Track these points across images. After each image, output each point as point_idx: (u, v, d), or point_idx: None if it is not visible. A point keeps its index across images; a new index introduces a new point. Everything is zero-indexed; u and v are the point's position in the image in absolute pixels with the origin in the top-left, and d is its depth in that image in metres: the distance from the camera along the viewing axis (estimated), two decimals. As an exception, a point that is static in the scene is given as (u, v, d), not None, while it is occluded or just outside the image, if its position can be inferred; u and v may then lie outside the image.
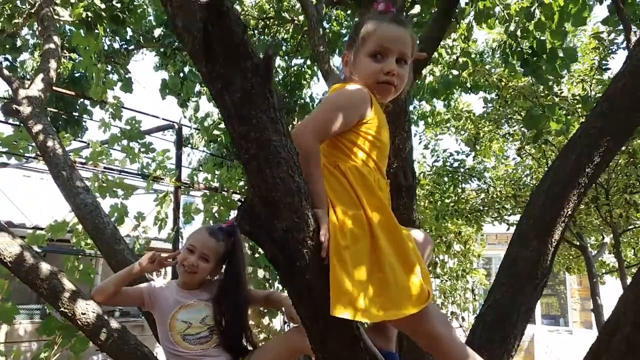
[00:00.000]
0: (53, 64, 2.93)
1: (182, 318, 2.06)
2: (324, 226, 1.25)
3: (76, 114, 4.34)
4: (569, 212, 2.05)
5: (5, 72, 2.77)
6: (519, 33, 3.08)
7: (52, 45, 3.00)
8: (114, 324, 2.13)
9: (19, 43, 4.57)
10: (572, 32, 5.70)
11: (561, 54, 3.00)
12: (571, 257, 7.95)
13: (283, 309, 2.18)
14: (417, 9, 3.29)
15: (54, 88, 3.84)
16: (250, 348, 2.14)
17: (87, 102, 4.33)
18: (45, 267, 2.08)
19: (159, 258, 2.08)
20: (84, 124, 4.41)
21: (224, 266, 2.15)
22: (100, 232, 2.55)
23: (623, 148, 4.61)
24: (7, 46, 4.30)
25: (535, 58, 3.03)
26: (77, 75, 4.27)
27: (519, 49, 3.03)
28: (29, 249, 2.11)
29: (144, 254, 2.13)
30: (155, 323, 2.17)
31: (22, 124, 2.99)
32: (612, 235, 5.75)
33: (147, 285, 2.14)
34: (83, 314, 2.08)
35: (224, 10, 1.04)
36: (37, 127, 2.69)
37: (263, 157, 1.16)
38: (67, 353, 3.80)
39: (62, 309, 2.08)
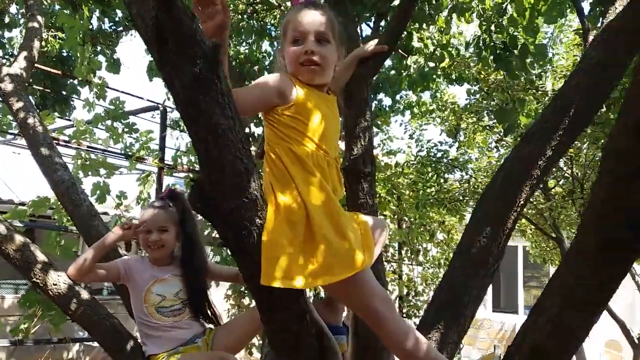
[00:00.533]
0: (36, 42, 2.99)
1: (156, 291, 2.18)
2: None
3: (64, 92, 4.39)
4: (522, 202, 2.14)
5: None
6: (492, 28, 3.16)
7: (35, 24, 3.05)
8: (85, 295, 2.21)
9: (6, 20, 4.60)
10: (559, 28, 5.77)
11: (532, 50, 3.08)
12: (548, 249, 8.12)
13: None
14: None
15: (41, 67, 3.89)
16: (219, 320, 2.26)
17: (75, 81, 4.37)
18: (18, 239, 2.17)
19: (132, 224, 2.18)
20: (72, 102, 4.46)
21: None
22: (76, 207, 2.63)
23: (598, 143, 4.72)
24: (-5, 23, 4.34)
25: (507, 53, 3.11)
26: (64, 54, 4.31)
27: (491, 43, 3.11)
28: (2, 221, 2.19)
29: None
30: (128, 296, 2.28)
31: (2, 101, 3.06)
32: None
33: (122, 260, 2.24)
34: (54, 284, 2.16)
35: (173, 0, 1.11)
36: (18, 105, 2.76)
37: (211, 140, 1.24)
38: (47, 325, 3.92)
39: (34, 279, 2.16)
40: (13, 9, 4.54)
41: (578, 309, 1.40)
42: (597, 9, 2.88)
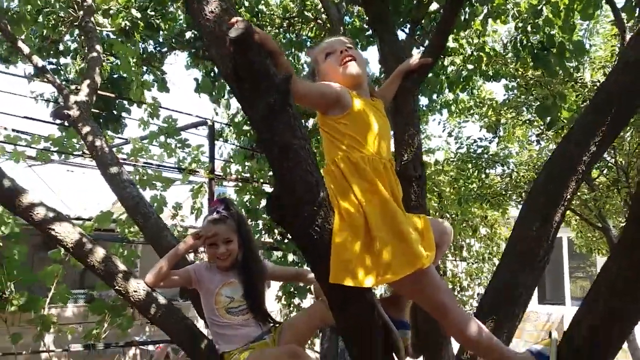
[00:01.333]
0: (97, 71, 3.24)
1: (225, 294, 2.36)
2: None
3: (115, 112, 4.68)
4: (568, 196, 2.23)
5: (57, 80, 3.08)
6: (529, 28, 3.23)
7: (94, 54, 3.31)
8: (162, 300, 2.41)
9: (61, 47, 4.93)
10: (595, 19, 5.72)
11: (570, 47, 3.14)
12: (594, 239, 8.01)
13: (312, 286, 2.46)
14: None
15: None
16: (275, 320, 2.44)
17: (125, 101, 4.65)
18: (101, 251, 2.39)
19: (202, 235, 2.38)
20: (123, 121, 4.74)
21: None
22: (146, 220, 2.85)
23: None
24: (51, 52, 4.66)
25: (545, 52, 3.19)
26: (115, 76, 4.59)
27: (529, 43, 3.18)
28: (86, 236, 2.42)
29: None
30: (198, 300, 2.49)
31: (70, 126, 3.32)
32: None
33: (192, 266, 2.44)
34: (135, 291, 2.37)
35: (248, 44, 1.28)
36: (86, 129, 3.01)
37: (285, 158, 1.40)
38: (115, 332, 4.19)
39: (116, 287, 2.37)
40: (66, 37, 4.87)
41: (624, 297, 1.49)
42: (632, 1, 2.92)
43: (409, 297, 1.86)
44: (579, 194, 6.28)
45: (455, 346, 2.36)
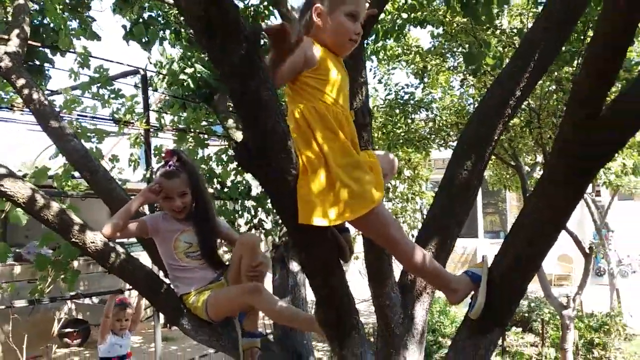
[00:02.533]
0: (25, 19, 3.08)
1: (184, 239, 2.49)
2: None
3: (37, 62, 4.42)
4: (496, 137, 2.50)
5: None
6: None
7: (21, 1, 3.12)
8: (120, 249, 2.48)
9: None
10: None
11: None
12: (507, 176, 8.74)
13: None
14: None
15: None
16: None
17: (47, 50, 4.39)
18: (55, 205, 2.39)
19: (157, 189, 2.45)
20: (47, 72, 4.49)
21: None
22: (93, 174, 2.85)
23: (553, 76, 5.13)
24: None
25: (474, 0, 3.39)
26: (36, 24, 4.31)
27: (458, -8, 3.37)
28: (38, 191, 2.40)
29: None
30: (153, 248, 2.58)
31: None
32: (542, 155, 6.46)
33: (148, 217, 2.52)
34: (92, 242, 2.40)
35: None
36: (21, 81, 2.89)
37: (258, 109, 1.50)
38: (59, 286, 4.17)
39: (73, 239, 2.40)
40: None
41: (547, 225, 1.78)
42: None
43: (364, 232, 2.07)
44: (495, 135, 6.78)
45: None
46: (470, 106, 7.13)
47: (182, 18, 4.30)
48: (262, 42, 1.48)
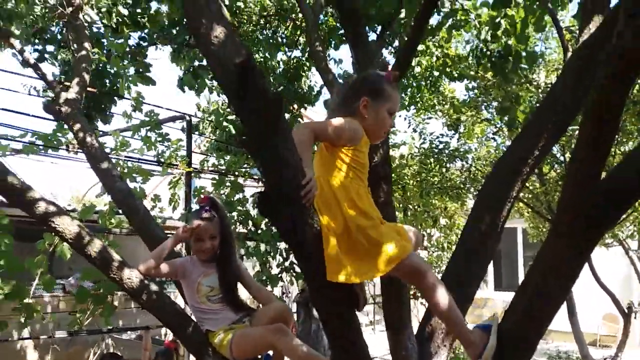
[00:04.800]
0: (86, 68, 3.41)
1: (206, 283, 2.64)
2: (309, 174, 1.73)
3: (102, 105, 4.78)
4: (514, 194, 2.58)
5: (49, 78, 3.24)
6: (488, 38, 3.57)
7: (83, 52, 3.47)
8: (154, 287, 2.64)
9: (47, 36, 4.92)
10: (550, 24, 6.13)
11: (524, 55, 3.49)
12: (545, 230, 8.57)
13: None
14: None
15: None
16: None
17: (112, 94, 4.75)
18: (98, 242, 2.59)
19: (190, 230, 2.63)
20: (110, 112, 4.83)
21: None
22: (134, 213, 3.06)
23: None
24: (37, 39, 4.67)
25: (502, 60, 3.53)
26: (99, 69, 4.68)
27: (487, 52, 3.52)
28: (84, 228, 2.62)
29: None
30: (182, 289, 2.75)
31: (57, 120, 3.47)
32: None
33: (180, 260, 2.71)
34: (128, 278, 2.58)
35: (250, 68, 1.54)
36: (77, 126, 3.18)
37: (278, 164, 1.66)
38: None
39: (111, 275, 2.58)
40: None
41: (556, 279, 1.83)
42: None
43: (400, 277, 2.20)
44: (530, 187, 6.77)
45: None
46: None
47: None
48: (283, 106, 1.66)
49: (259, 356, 2.62)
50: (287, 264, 5.24)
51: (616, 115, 1.40)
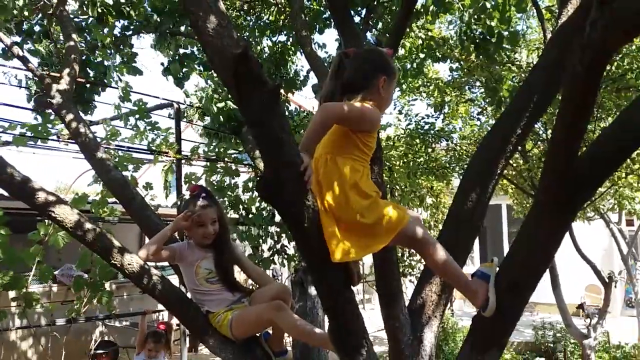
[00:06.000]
0: (75, 58, 3.43)
1: (204, 266, 2.73)
2: (306, 160, 1.79)
3: (85, 95, 4.78)
4: (499, 172, 2.69)
5: (38, 70, 3.26)
6: (472, 20, 3.65)
7: (71, 43, 3.48)
8: (154, 271, 2.72)
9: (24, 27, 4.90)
10: (531, 5, 6.23)
11: (507, 36, 3.59)
12: (528, 205, 8.78)
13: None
14: None
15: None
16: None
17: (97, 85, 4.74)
18: (97, 230, 2.66)
19: (190, 217, 2.71)
20: (92, 103, 4.84)
21: None
22: (130, 201, 3.12)
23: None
24: (15, 32, 4.65)
25: (485, 41, 3.63)
26: (82, 60, 4.68)
27: (471, 34, 3.61)
28: (83, 216, 2.68)
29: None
30: (181, 273, 2.84)
31: (40, 112, 3.50)
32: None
33: (178, 245, 2.79)
34: (129, 264, 2.66)
35: (249, 58, 1.61)
36: (69, 116, 3.22)
37: (276, 149, 1.74)
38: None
39: (112, 261, 2.65)
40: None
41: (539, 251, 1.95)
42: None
43: (400, 244, 2.30)
44: (514, 164, 6.93)
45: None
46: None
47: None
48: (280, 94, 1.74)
49: (258, 334, 2.72)
50: (278, 246, 5.34)
51: (591, 100, 1.50)
